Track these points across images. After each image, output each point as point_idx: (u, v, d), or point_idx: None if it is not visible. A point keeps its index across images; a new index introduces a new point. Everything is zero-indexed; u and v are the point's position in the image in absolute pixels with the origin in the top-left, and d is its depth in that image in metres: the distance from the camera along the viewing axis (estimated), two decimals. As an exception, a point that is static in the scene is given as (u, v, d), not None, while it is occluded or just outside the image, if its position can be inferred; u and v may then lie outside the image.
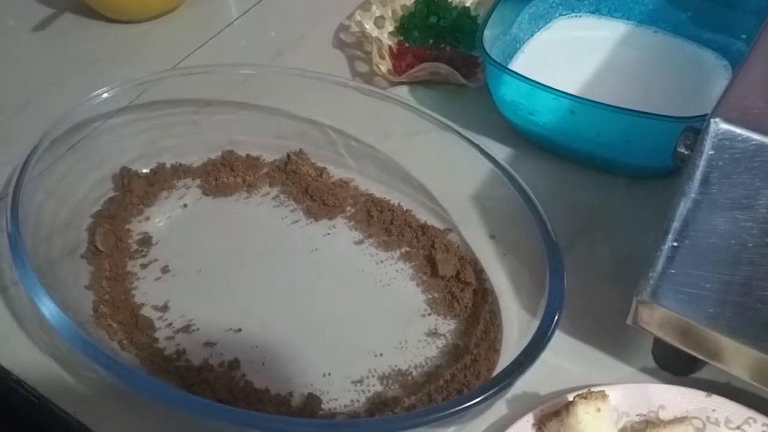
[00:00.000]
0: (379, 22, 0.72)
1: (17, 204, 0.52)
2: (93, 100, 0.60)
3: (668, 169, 0.60)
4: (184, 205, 0.61)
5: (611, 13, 0.70)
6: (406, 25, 0.71)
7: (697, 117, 0.50)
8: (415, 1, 0.72)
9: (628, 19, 0.70)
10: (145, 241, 0.58)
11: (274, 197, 0.61)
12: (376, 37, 0.69)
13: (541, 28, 0.69)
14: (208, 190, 0.61)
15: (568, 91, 0.58)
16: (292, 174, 0.62)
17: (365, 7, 0.72)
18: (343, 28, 0.75)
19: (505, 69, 0.60)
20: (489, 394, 0.45)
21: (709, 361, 0.46)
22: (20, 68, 0.73)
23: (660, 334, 0.46)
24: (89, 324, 0.51)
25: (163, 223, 0.59)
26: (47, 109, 0.63)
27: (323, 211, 0.60)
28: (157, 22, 0.76)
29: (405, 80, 0.68)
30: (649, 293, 0.44)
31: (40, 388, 0.50)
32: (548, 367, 0.49)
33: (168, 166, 0.62)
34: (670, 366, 0.50)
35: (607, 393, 0.46)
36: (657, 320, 0.45)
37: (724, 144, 0.39)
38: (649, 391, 0.48)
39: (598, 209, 0.60)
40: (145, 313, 0.54)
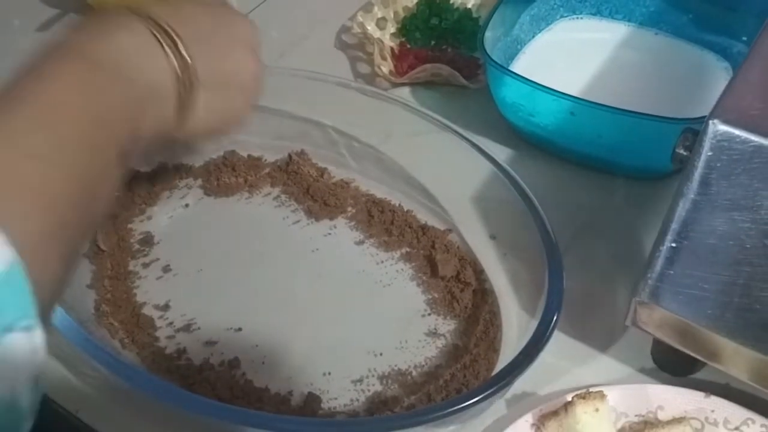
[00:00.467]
0: (380, 24, 0.72)
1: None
2: (96, 100, 0.60)
3: (667, 171, 0.60)
4: (186, 205, 0.61)
5: (612, 15, 0.70)
6: (408, 27, 0.71)
7: (696, 118, 0.50)
8: (417, 3, 0.72)
9: (629, 21, 0.70)
10: (147, 241, 0.58)
11: (276, 197, 0.61)
12: (378, 39, 0.70)
13: (543, 29, 0.69)
14: (209, 190, 0.62)
15: (569, 93, 0.58)
16: (293, 174, 0.62)
17: (367, 9, 0.72)
18: (345, 29, 0.75)
19: (506, 70, 0.60)
20: (488, 393, 0.45)
21: (707, 361, 0.46)
22: (24, 68, 0.73)
23: (659, 334, 0.46)
24: (91, 323, 0.52)
25: (165, 223, 0.60)
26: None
27: (324, 212, 0.60)
28: (159, 22, 0.77)
29: (406, 81, 0.68)
30: (648, 294, 0.44)
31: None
32: (547, 367, 0.49)
33: (170, 165, 0.62)
34: (668, 367, 0.50)
35: (605, 393, 0.46)
36: (656, 321, 0.45)
37: (723, 145, 0.39)
38: (648, 392, 0.48)
39: (598, 210, 0.60)
40: (146, 312, 0.54)
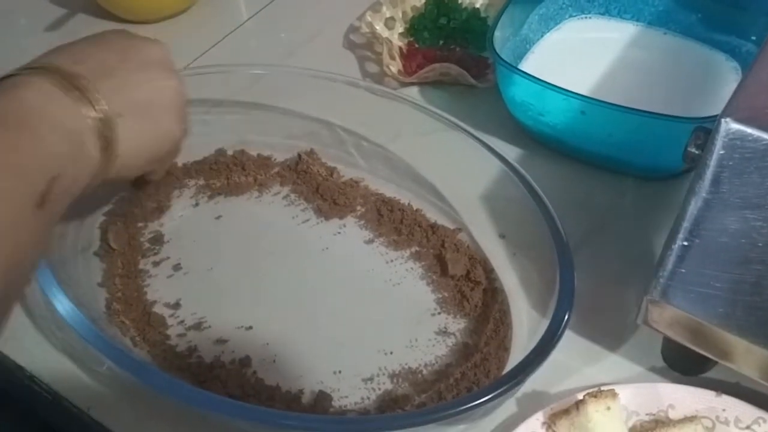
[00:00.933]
0: (389, 23, 0.72)
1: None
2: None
3: (678, 169, 0.60)
4: (196, 204, 0.61)
5: (621, 15, 0.70)
6: (417, 26, 0.71)
7: (708, 117, 0.50)
8: (426, 2, 0.73)
9: (638, 21, 0.70)
10: (157, 239, 0.58)
11: (285, 196, 0.62)
12: (387, 38, 0.70)
13: (551, 29, 0.69)
14: (219, 189, 0.62)
15: (579, 92, 0.58)
16: (302, 173, 0.62)
17: (376, 8, 0.72)
18: (353, 29, 0.75)
19: (516, 69, 0.60)
20: (499, 392, 0.45)
21: (719, 360, 0.46)
22: (33, 68, 0.73)
23: (670, 333, 0.46)
24: (102, 321, 0.52)
25: (175, 222, 0.60)
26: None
27: (334, 211, 0.60)
28: (168, 22, 0.77)
29: (415, 81, 0.68)
30: (660, 292, 0.44)
31: (53, 385, 0.51)
32: (558, 366, 0.49)
33: (180, 164, 0.62)
34: (679, 365, 0.50)
35: (617, 392, 0.46)
36: (667, 319, 0.45)
37: (735, 144, 0.39)
38: (659, 391, 0.48)
39: (609, 209, 0.60)
40: (157, 310, 0.54)
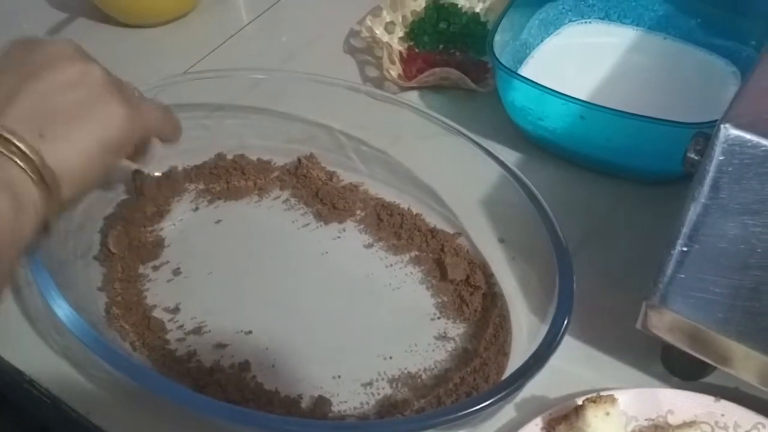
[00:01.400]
0: (389, 28, 0.72)
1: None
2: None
3: (678, 175, 0.60)
4: (196, 208, 0.61)
5: (621, 20, 0.70)
6: (417, 31, 0.72)
7: (708, 123, 0.50)
8: (426, 7, 0.73)
9: (638, 26, 0.70)
10: (157, 244, 0.58)
11: (285, 201, 0.62)
12: (387, 42, 0.70)
13: (551, 33, 0.69)
14: (219, 194, 0.62)
15: (578, 97, 0.58)
16: (302, 178, 0.62)
17: (376, 13, 0.72)
18: (353, 33, 0.75)
19: (515, 74, 0.60)
20: (498, 397, 0.45)
21: (718, 365, 0.46)
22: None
23: (669, 338, 0.46)
24: (101, 325, 0.52)
25: (175, 226, 0.60)
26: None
27: (333, 215, 0.60)
28: (169, 26, 0.77)
29: (415, 85, 0.69)
30: (659, 298, 0.44)
31: (52, 389, 0.51)
32: (557, 371, 0.49)
33: (180, 169, 0.63)
34: (678, 370, 0.50)
35: (616, 397, 0.46)
36: (666, 325, 0.45)
37: (734, 149, 0.39)
38: (658, 396, 0.48)
39: (608, 214, 0.60)
40: (156, 314, 0.54)
